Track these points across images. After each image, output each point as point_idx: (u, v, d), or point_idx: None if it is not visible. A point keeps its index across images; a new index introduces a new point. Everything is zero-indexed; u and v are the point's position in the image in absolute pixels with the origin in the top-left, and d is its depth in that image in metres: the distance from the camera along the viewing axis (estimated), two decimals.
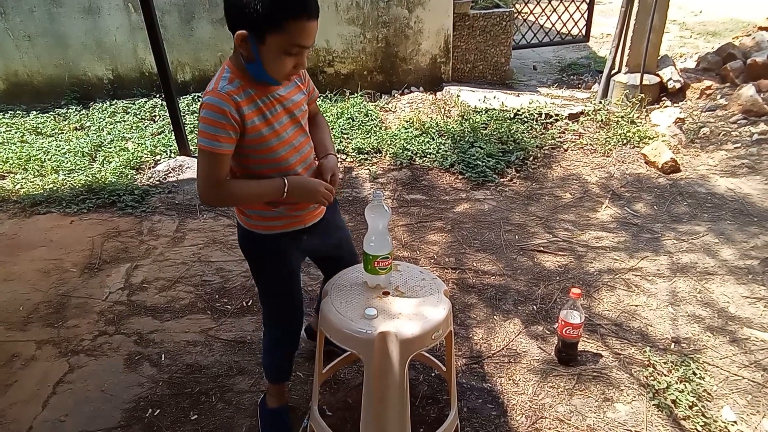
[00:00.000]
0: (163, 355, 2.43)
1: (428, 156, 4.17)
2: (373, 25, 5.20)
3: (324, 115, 4.70)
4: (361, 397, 1.72)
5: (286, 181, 1.57)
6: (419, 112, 4.88)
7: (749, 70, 4.96)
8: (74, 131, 4.71)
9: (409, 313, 1.68)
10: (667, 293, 2.79)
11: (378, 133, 4.48)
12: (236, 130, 1.51)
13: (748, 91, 4.62)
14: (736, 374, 2.28)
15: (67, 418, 2.12)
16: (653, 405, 2.13)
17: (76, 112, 4.96)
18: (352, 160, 4.21)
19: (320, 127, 1.86)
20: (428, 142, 4.32)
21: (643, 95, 4.80)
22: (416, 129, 4.52)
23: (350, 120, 4.66)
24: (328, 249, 1.95)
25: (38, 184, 3.89)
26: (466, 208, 3.62)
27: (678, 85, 4.96)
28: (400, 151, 4.20)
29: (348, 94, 5.24)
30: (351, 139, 4.40)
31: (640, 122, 4.65)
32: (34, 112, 4.95)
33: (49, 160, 4.17)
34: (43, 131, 4.67)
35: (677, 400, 2.13)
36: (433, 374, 2.30)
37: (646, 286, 2.85)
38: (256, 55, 1.46)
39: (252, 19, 1.39)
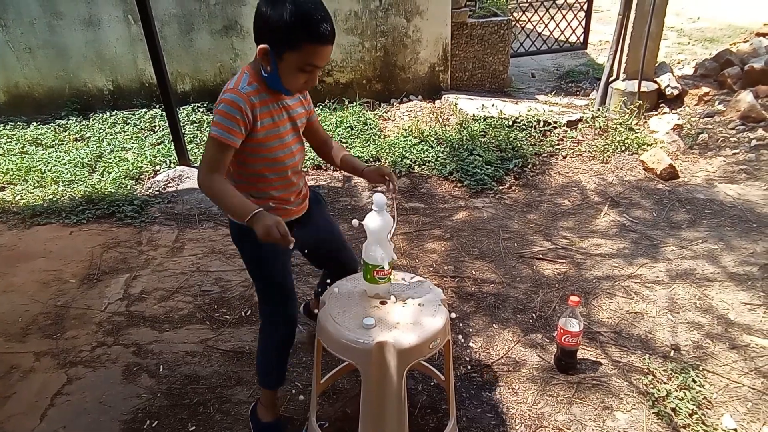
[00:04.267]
0: (161, 366, 2.42)
1: (427, 164, 4.18)
2: (372, 35, 5.23)
3: (323, 123, 4.72)
4: (359, 408, 1.72)
5: (258, 213, 1.58)
6: (418, 120, 4.89)
7: (747, 76, 4.97)
8: (74, 142, 4.73)
9: (407, 322, 1.68)
10: (667, 300, 2.78)
11: (377, 141, 4.50)
12: (247, 127, 1.67)
13: (746, 97, 4.64)
14: (736, 381, 2.27)
15: (65, 430, 2.12)
16: (653, 413, 2.12)
17: (76, 123, 4.98)
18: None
19: (340, 149, 2.03)
20: (427, 150, 4.33)
21: (641, 102, 4.81)
22: (415, 137, 4.53)
23: (349, 129, 4.68)
24: (320, 242, 2.05)
25: (38, 195, 3.90)
26: (465, 216, 3.62)
27: (676, 92, 4.98)
28: (399, 159, 4.21)
29: (347, 102, 5.25)
30: (350, 148, 4.41)
31: (639, 129, 4.66)
32: (35, 124, 4.97)
33: (49, 171, 4.18)
34: (43, 142, 4.69)
35: (677, 408, 2.12)
36: (431, 383, 2.29)
37: (645, 293, 2.84)
38: (275, 68, 1.62)
39: (274, 38, 1.57)
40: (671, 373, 2.29)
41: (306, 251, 2.08)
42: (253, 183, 1.80)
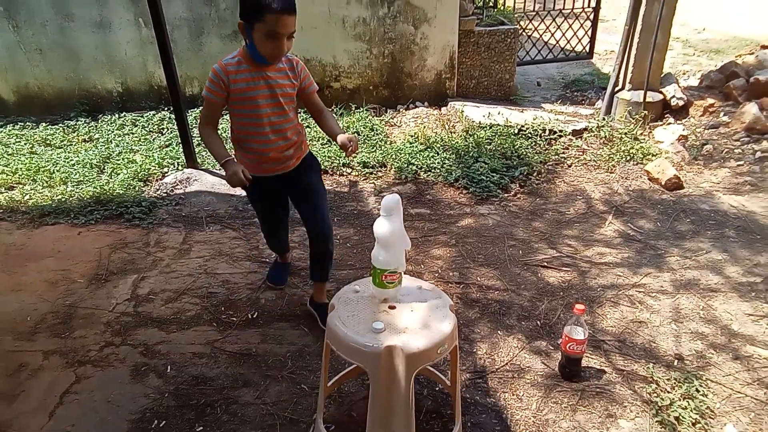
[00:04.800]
0: (169, 367, 2.44)
1: (433, 170, 4.20)
2: (380, 41, 5.27)
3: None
4: (365, 411, 1.74)
5: (227, 161, 2.20)
6: (424, 126, 4.93)
7: (752, 88, 5.00)
8: (83, 143, 4.77)
9: (416, 327, 1.70)
10: (671, 310, 2.80)
11: (383, 147, 4.53)
12: (223, 88, 2.22)
13: (751, 108, 4.66)
14: (739, 392, 2.28)
15: (73, 428, 2.14)
16: (656, 422, 2.14)
17: (85, 125, 5.02)
18: (357, 173, 4.25)
19: (328, 118, 2.44)
20: (433, 156, 4.36)
21: (646, 112, 4.84)
22: (421, 143, 4.56)
23: (356, 134, 4.71)
24: (297, 200, 2.58)
25: (47, 195, 3.93)
26: (470, 222, 3.65)
27: (681, 103, 5.00)
28: (405, 165, 4.24)
29: (354, 108, 5.29)
30: (356, 153, 4.44)
31: (644, 139, 4.68)
32: (44, 124, 5.01)
33: (57, 171, 4.22)
34: (52, 143, 4.73)
35: (680, 417, 2.14)
36: (437, 389, 2.31)
37: (649, 302, 2.86)
38: (251, 39, 2.12)
39: (246, 13, 2.07)
40: (675, 382, 2.31)
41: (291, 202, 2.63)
42: (241, 136, 2.38)
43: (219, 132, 2.37)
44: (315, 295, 2.73)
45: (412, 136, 4.71)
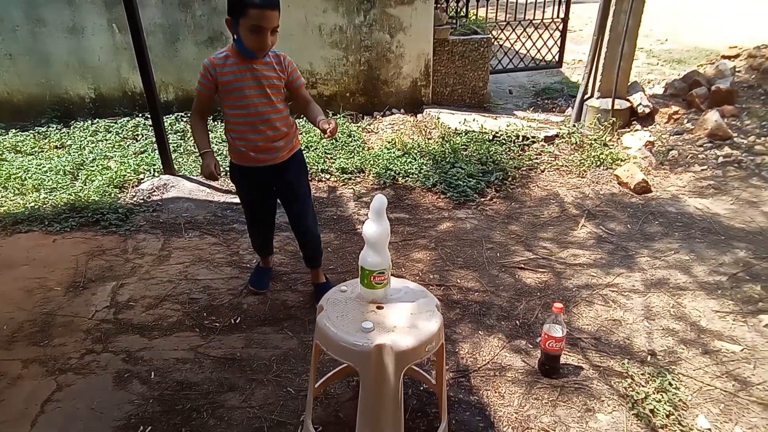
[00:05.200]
0: (152, 373, 2.43)
1: (411, 176, 4.26)
2: (356, 49, 5.33)
3: (307, 135, 4.77)
4: (353, 412, 1.77)
5: (205, 153, 2.44)
6: (401, 133, 4.99)
7: (713, 97, 5.21)
8: (54, 150, 4.68)
9: (404, 326, 1.74)
10: (643, 308, 2.90)
11: (361, 153, 4.57)
12: (210, 81, 2.39)
13: (713, 116, 4.86)
14: (709, 384, 2.39)
15: None
16: (633, 414, 2.22)
17: (57, 131, 4.93)
18: (336, 179, 4.28)
19: (314, 108, 2.55)
20: (410, 162, 4.41)
21: (614, 119, 5.00)
22: (398, 150, 4.61)
23: (333, 140, 4.74)
24: (283, 197, 2.73)
25: (19, 203, 3.85)
26: (449, 226, 3.71)
27: (647, 110, 5.18)
28: (383, 170, 4.29)
29: (331, 115, 5.32)
30: (335, 159, 4.48)
31: (613, 145, 4.83)
32: (14, 130, 4.90)
33: (29, 178, 4.13)
34: (22, 149, 4.63)
35: (655, 410, 2.22)
36: (421, 388, 2.35)
37: (622, 301, 2.96)
38: (237, 34, 2.26)
39: (231, 9, 2.22)
40: (648, 377, 2.40)
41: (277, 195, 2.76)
42: (231, 125, 2.50)
43: (209, 125, 2.62)
44: (312, 277, 3.00)
45: (389, 143, 4.76)
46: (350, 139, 4.81)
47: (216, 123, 4.98)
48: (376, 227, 1.77)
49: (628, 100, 5.21)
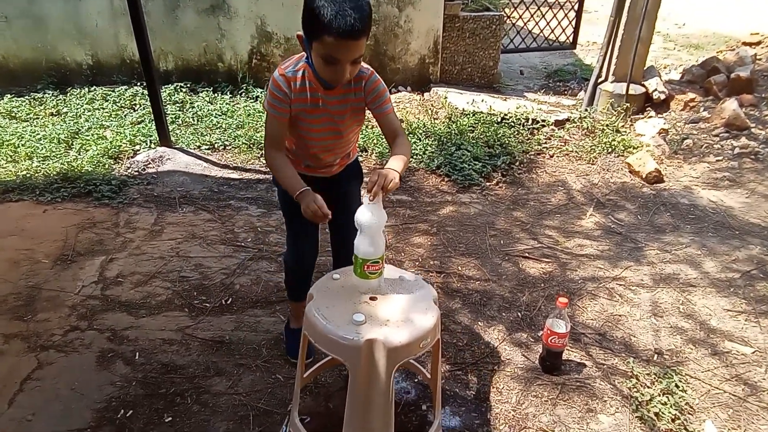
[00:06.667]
0: (137, 353, 2.34)
1: (414, 156, 4.13)
2: None
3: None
4: (343, 403, 1.67)
5: (303, 192, 1.78)
6: (406, 112, 4.84)
7: (732, 85, 5.02)
8: (50, 117, 4.56)
9: (398, 319, 1.63)
10: (650, 304, 2.79)
11: (364, 131, 4.42)
12: (287, 103, 1.81)
13: (731, 105, 4.68)
14: (717, 388, 2.28)
15: (34, 417, 2.03)
16: (636, 417, 2.12)
17: (53, 98, 4.80)
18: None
19: (396, 150, 1.89)
20: (415, 142, 4.28)
21: (628, 105, 4.83)
22: (403, 129, 4.46)
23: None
24: (333, 212, 2.07)
25: (11, 171, 3.74)
26: (452, 211, 3.59)
27: (663, 96, 5.00)
28: (386, 150, 4.15)
29: None
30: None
31: (625, 131, 4.67)
32: (9, 96, 4.78)
33: (23, 145, 4.02)
34: (17, 115, 4.51)
35: (660, 413, 2.12)
36: (416, 380, 2.26)
37: (629, 295, 2.85)
38: (309, 56, 1.73)
39: (305, 26, 1.67)
40: (654, 378, 2.30)
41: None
42: (295, 143, 2.00)
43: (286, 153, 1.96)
44: None
45: None
46: None
47: (239, 98, 4.85)
48: (370, 214, 1.65)
49: (643, 86, 5.03)
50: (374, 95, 1.87)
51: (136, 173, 3.84)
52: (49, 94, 4.84)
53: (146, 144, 4.19)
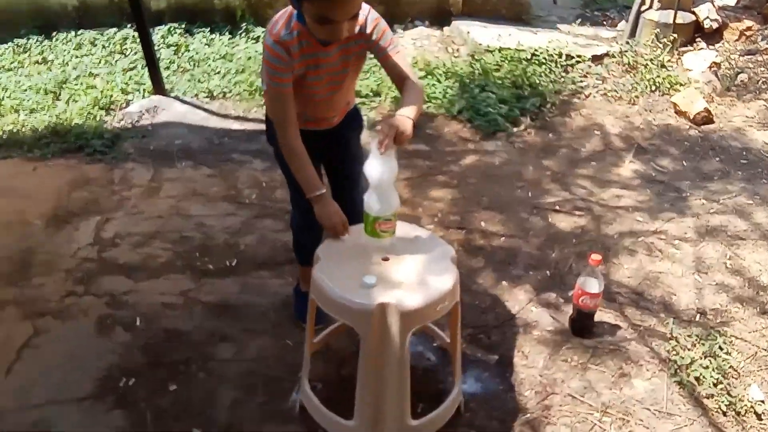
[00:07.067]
0: (137, 319, 2.40)
1: (433, 101, 4.08)
2: None
3: None
4: (356, 370, 1.70)
5: (319, 194, 1.83)
6: (424, 50, 4.75)
7: None
8: (35, 65, 4.56)
9: (412, 281, 1.64)
10: (693, 259, 2.77)
11: (377, 73, 4.34)
12: (289, 70, 1.73)
13: None
14: (765, 350, 2.27)
15: (33, 386, 2.11)
16: (674, 382, 2.13)
17: (38, 44, 4.78)
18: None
19: (406, 94, 1.84)
20: (434, 85, 4.22)
21: (675, 35, 4.66)
22: (420, 70, 4.40)
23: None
24: (337, 171, 2.21)
25: None
26: (475, 160, 3.56)
27: (715, 25, 4.82)
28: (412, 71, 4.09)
29: None
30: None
31: (671, 66, 4.55)
32: None
33: (8, 97, 4.05)
34: (1, 65, 4.52)
35: (701, 377, 2.13)
36: (434, 344, 2.28)
37: (670, 250, 2.82)
38: (299, 12, 1.66)
39: None
40: (696, 340, 2.29)
41: (326, 168, 2.22)
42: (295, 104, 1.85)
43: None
44: None
45: (410, 61, 4.52)
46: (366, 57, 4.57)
47: (239, 39, 4.76)
48: (380, 166, 1.63)
49: (693, 13, 4.84)
50: (376, 37, 1.79)
51: (130, 125, 3.85)
52: (33, 40, 4.81)
53: (139, 93, 4.19)
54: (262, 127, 2.15)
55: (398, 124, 1.65)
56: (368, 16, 1.77)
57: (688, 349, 2.26)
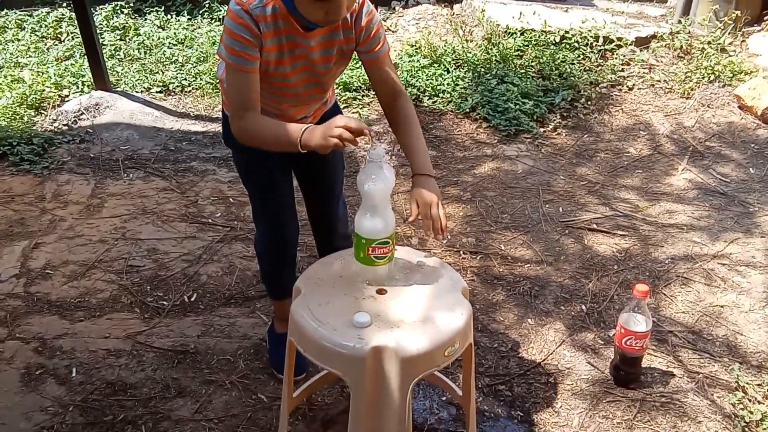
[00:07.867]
0: (74, 370, 2.42)
1: (441, 95, 4.16)
2: None
3: None
4: (344, 430, 1.72)
5: (305, 129, 1.68)
6: (430, 33, 4.86)
7: None
8: None
9: (415, 319, 1.67)
10: (764, 289, 2.80)
11: None
12: (256, 46, 1.72)
13: None
14: None
15: None
16: None
17: None
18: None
19: (408, 128, 1.89)
20: (441, 75, 4.31)
21: (738, 13, 4.76)
22: (425, 57, 4.51)
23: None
24: (313, 179, 2.24)
25: None
26: (492, 168, 3.63)
27: None
28: (404, 86, 4.16)
29: None
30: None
31: (734, 51, 4.65)
32: None
33: None
34: None
35: None
36: (443, 398, 2.31)
37: (735, 279, 2.86)
38: None
39: None
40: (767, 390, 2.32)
41: (298, 175, 2.26)
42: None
43: None
44: None
45: (412, 46, 4.65)
46: None
47: (200, 20, 4.85)
48: (373, 177, 1.66)
49: None
50: (368, 33, 1.81)
51: (65, 127, 3.91)
52: None
53: (77, 87, 4.26)
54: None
55: (432, 201, 1.74)
56: (363, 5, 1.80)
57: (759, 402, 2.28)
